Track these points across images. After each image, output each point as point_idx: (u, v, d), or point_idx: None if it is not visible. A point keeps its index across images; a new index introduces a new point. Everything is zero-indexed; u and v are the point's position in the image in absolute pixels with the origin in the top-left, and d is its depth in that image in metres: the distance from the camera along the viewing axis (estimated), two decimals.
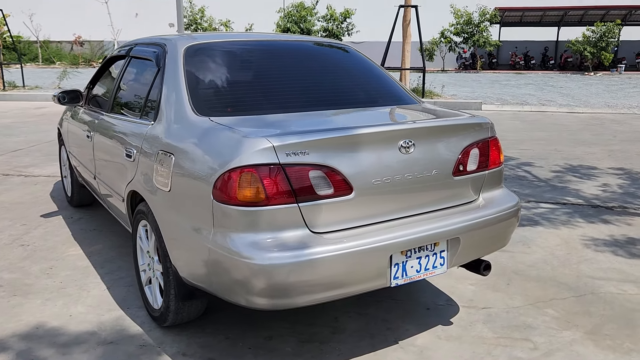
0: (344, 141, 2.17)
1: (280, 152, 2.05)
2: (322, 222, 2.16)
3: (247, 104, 2.57)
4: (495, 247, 2.70)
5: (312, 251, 2.05)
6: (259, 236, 2.06)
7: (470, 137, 2.55)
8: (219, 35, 3.08)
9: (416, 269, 2.34)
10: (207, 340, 2.67)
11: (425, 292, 3.23)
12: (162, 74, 2.76)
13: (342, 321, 2.87)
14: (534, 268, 3.59)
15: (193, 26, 30.55)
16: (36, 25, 32.23)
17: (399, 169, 2.30)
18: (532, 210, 4.83)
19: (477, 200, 2.63)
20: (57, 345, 2.61)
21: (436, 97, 13.23)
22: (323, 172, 2.12)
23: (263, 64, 2.84)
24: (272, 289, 2.04)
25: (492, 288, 3.29)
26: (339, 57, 3.17)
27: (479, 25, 29.38)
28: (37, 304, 3.03)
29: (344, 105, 2.71)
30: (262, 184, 2.03)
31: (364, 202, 2.23)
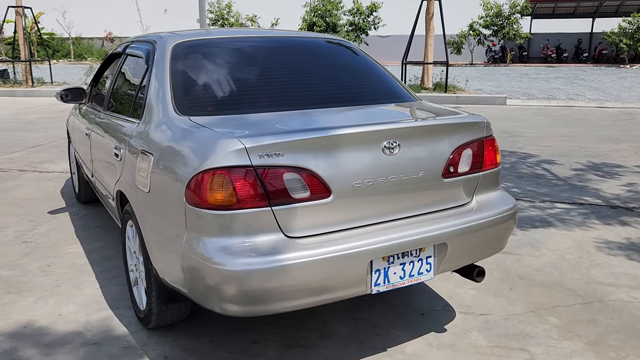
0: (320, 142, 2.07)
1: (252, 153, 1.97)
2: (298, 226, 2.07)
3: (230, 103, 2.50)
4: (489, 252, 2.57)
5: (285, 257, 1.97)
6: (231, 241, 1.99)
7: (462, 137, 2.43)
8: (211, 32, 3.01)
9: (400, 276, 2.24)
10: (190, 343, 2.62)
11: (422, 296, 3.12)
12: (149, 72, 2.71)
13: (331, 326, 2.79)
14: (541, 272, 3.43)
15: (220, 22, 30.72)
16: (69, 22, 32.96)
17: (382, 170, 2.19)
18: (546, 211, 4.65)
19: (470, 203, 2.50)
20: (42, 345, 2.60)
21: (459, 91, 12.96)
22: (298, 175, 2.04)
23: (250, 62, 2.76)
24: (244, 295, 1.98)
25: (493, 293, 3.16)
26: (332, 53, 3.07)
27: (510, 17, 28.71)
28: (29, 302, 3.04)
29: (333, 103, 2.61)
30: (233, 186, 1.96)
31: (344, 206, 2.13)
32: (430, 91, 12.99)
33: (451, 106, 2.96)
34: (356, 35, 29.61)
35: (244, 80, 2.64)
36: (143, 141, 2.48)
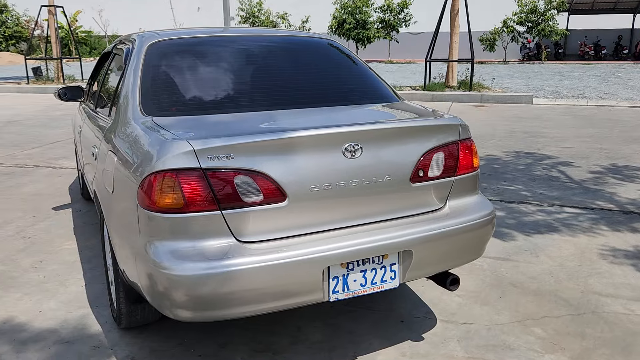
0: (274, 145, 2.01)
1: (201, 156, 1.93)
2: (251, 230, 2.02)
3: (196, 103, 2.46)
4: (464, 260, 2.47)
5: (233, 262, 1.92)
6: (180, 245, 1.96)
7: (433, 140, 2.33)
8: (193, 32, 2.98)
9: (360, 283, 2.17)
10: (160, 344, 2.60)
11: (405, 302, 3.03)
12: (125, 72, 2.71)
13: (305, 331, 2.73)
14: (535, 280, 3.30)
15: (251, 19, 30.93)
16: (105, 20, 33.68)
17: (342, 174, 2.12)
18: (554, 215, 4.48)
19: (442, 209, 2.40)
20: (16, 342, 2.63)
21: (485, 89, 12.67)
22: (251, 178, 1.99)
23: (223, 62, 2.71)
24: (193, 301, 1.94)
25: (481, 301, 3.04)
26: (311, 53, 3.00)
27: (545, 13, 27.94)
28: (14, 298, 3.08)
29: (305, 104, 2.55)
30: (181, 189, 1.92)
31: (300, 211, 2.07)
32: (454, 89, 12.75)
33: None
34: (386, 33, 29.36)
35: (213, 80, 2.60)
36: (111, 140, 2.48)
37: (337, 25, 28.87)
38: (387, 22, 29.32)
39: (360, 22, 28.54)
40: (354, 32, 28.61)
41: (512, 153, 6.87)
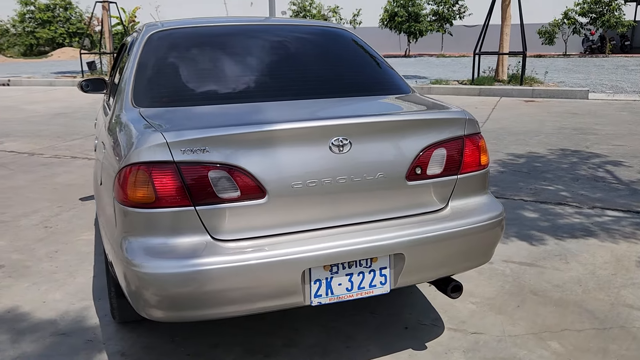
0: (252, 138, 1.90)
1: (174, 149, 1.84)
2: (227, 228, 1.92)
3: (186, 94, 2.37)
4: (469, 265, 2.28)
5: (204, 261, 1.82)
6: (152, 242, 1.88)
7: (433, 135, 2.15)
8: (195, 22, 2.90)
9: (346, 287, 2.02)
10: (152, 341, 2.55)
11: (413, 307, 2.86)
12: (127, 63, 2.66)
13: (302, 333, 2.61)
14: (560, 289, 3.04)
15: (302, 13, 30.91)
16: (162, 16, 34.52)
17: (328, 171, 1.98)
18: (593, 219, 4.15)
19: (443, 210, 2.22)
20: (15, 331, 2.64)
21: (537, 84, 12.09)
22: (227, 173, 1.88)
23: (219, 52, 2.62)
24: (163, 300, 1.86)
25: (496, 309, 2.83)
26: (317, 42, 2.85)
27: (611, 3, 26.43)
28: (23, 287, 3.12)
29: (301, 95, 2.41)
30: (152, 183, 1.84)
31: (281, 209, 1.95)
32: (504, 83, 12.24)
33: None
34: (439, 25, 28.65)
35: (207, 71, 2.50)
36: (104, 132, 2.43)
37: (388, 18, 28.40)
38: (441, 15, 28.57)
39: (413, 14, 27.95)
40: (406, 25, 28.06)
41: (557, 151, 6.48)
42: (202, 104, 2.27)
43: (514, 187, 4.98)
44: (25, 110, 10.75)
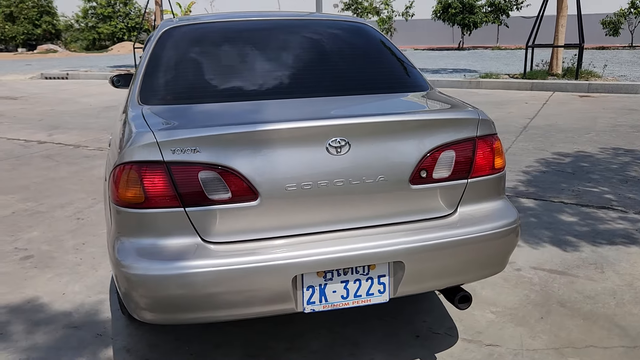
0: (245, 138, 1.83)
1: (165, 148, 1.80)
2: (218, 231, 1.87)
3: (192, 91, 2.33)
4: (480, 274, 2.14)
5: (191, 264, 1.78)
6: (141, 243, 1.86)
7: (441, 136, 2.02)
8: (210, 17, 2.86)
9: (341, 295, 1.93)
10: (158, 338, 2.55)
11: (428, 314, 2.73)
12: (141, 60, 2.66)
13: (307, 337, 2.54)
14: (592, 301, 2.84)
15: (354, 6, 30.68)
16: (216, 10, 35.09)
17: (325, 173, 1.89)
18: (638, 225, 3.87)
19: (451, 216, 2.08)
20: (31, 322, 2.71)
21: (594, 78, 11.47)
22: (217, 174, 1.83)
23: (229, 48, 2.56)
24: (151, 302, 1.84)
25: (517, 320, 2.67)
26: (333, 38, 2.73)
27: None
28: (46, 278, 3.20)
29: (309, 93, 2.32)
30: (142, 183, 1.81)
31: (273, 211, 1.88)
32: (558, 77, 11.68)
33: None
34: (495, 17, 27.75)
35: (214, 68, 2.45)
36: (114, 129, 2.44)
37: (441, 10, 27.76)
38: (497, 6, 27.66)
39: (467, 6, 27.20)
40: (460, 17, 27.35)
41: (608, 150, 6.11)
42: (206, 102, 2.23)
43: (555, 188, 4.72)
44: (79, 102, 11.16)
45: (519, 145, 6.37)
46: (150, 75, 2.39)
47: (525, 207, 4.24)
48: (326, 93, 2.33)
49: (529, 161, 5.63)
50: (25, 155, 6.40)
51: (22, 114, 9.64)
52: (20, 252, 3.57)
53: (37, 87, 14.55)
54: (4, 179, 5.40)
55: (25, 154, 6.50)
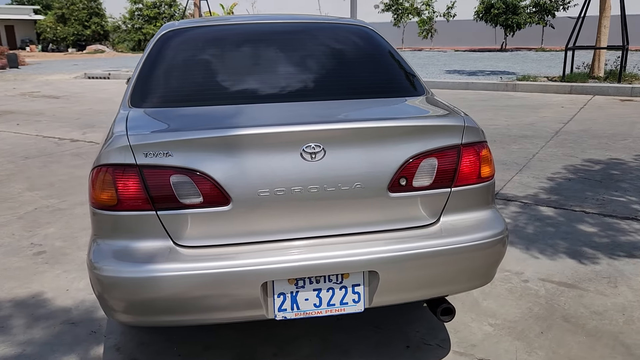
0: (216, 142, 1.83)
1: (137, 152, 1.82)
2: (190, 235, 1.87)
3: (178, 95, 2.33)
4: (464, 286, 2.07)
5: (160, 267, 1.79)
6: (114, 245, 1.88)
7: (422, 143, 1.95)
8: (208, 20, 2.87)
9: (314, 303, 1.90)
10: (150, 338, 2.58)
11: (422, 324, 2.67)
12: None
13: (297, 343, 2.52)
14: (599, 317, 2.71)
15: (394, 7, 30.47)
16: (256, 11, 35.56)
17: (299, 179, 1.86)
18: None
19: (432, 226, 2.02)
20: (32, 317, 2.79)
21: (638, 81, 10.98)
22: (189, 178, 1.83)
23: (221, 52, 2.55)
24: (120, 304, 1.86)
25: (515, 334, 2.57)
26: (328, 40, 2.69)
27: None
28: (54, 274, 3.29)
29: (296, 98, 2.29)
30: (115, 186, 1.83)
31: (246, 217, 1.86)
32: (599, 80, 11.25)
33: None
34: (540, 17, 26.99)
35: (202, 71, 2.45)
36: None
37: (484, 10, 27.20)
38: (542, 6, 26.89)
39: (511, 6, 26.56)
40: (503, 17, 26.73)
41: None
42: (190, 105, 2.24)
43: (579, 196, 4.53)
44: (116, 102, 11.46)
45: (547, 151, 6.16)
46: (142, 78, 2.42)
47: (544, 216, 4.09)
48: (311, 97, 2.30)
49: (555, 168, 5.44)
50: (56, 153, 6.62)
51: (61, 113, 9.99)
52: (35, 248, 3.68)
53: (79, 86, 15.06)
54: (33, 175, 5.60)
55: (57, 151, 6.72)
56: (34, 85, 15.50)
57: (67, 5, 40.92)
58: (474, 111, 9.03)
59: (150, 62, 2.50)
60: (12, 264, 3.43)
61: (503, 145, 6.45)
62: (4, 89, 14.72)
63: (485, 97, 10.83)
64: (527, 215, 4.12)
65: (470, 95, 11.17)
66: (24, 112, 10.14)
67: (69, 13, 40.83)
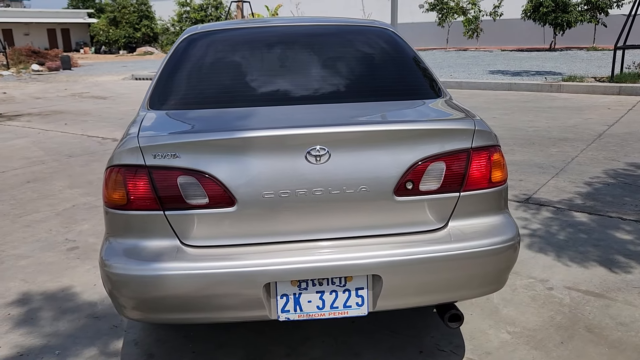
0: (222, 144, 1.86)
1: (147, 153, 1.87)
2: (196, 235, 1.91)
3: (193, 97, 2.38)
4: (474, 292, 2.03)
5: (166, 266, 1.84)
6: (124, 243, 1.94)
7: (430, 147, 1.93)
8: (230, 24, 2.92)
9: (317, 305, 1.91)
10: (167, 334, 2.65)
11: (438, 329, 2.63)
12: None
13: (310, 344, 2.54)
14: (624, 328, 2.60)
15: (439, 6, 30.02)
16: (301, 12, 35.71)
17: (303, 181, 1.88)
18: None
19: (440, 230, 1.99)
20: (59, 310, 2.91)
21: None
22: (196, 179, 1.87)
23: (239, 55, 2.58)
24: (129, 301, 1.92)
25: (534, 343, 2.50)
26: (348, 43, 2.67)
27: None
28: (84, 269, 3.41)
29: (306, 100, 2.29)
30: (125, 186, 1.89)
31: (250, 218, 1.89)
32: None
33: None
34: (592, 15, 26.02)
35: (219, 74, 2.50)
36: None
37: (532, 9, 26.43)
38: (594, 4, 25.90)
39: (560, 4, 25.70)
40: (552, 16, 25.91)
41: None
42: (204, 107, 2.29)
43: (616, 202, 4.36)
44: None
45: (587, 154, 5.95)
46: (161, 81, 2.49)
47: (577, 222, 3.96)
48: (323, 100, 2.31)
49: (594, 172, 5.25)
50: (98, 152, 6.86)
51: (107, 113, 10.35)
52: (69, 243, 3.84)
53: (125, 87, 15.55)
54: (75, 174, 5.82)
55: (99, 150, 6.97)
56: (83, 86, 16.11)
57: (118, 8, 42.34)
58: (514, 113, 8.81)
59: (168, 66, 2.57)
60: (47, 258, 3.58)
61: (542, 148, 6.27)
62: (56, 89, 15.37)
63: (528, 98, 10.54)
64: (560, 220, 4.00)
65: (513, 96, 10.89)
66: (72, 112, 10.56)
67: (121, 16, 42.21)
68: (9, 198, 4.97)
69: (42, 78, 20.01)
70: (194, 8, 39.44)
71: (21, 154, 6.83)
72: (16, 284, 3.23)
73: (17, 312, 2.90)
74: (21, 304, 2.98)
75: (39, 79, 19.74)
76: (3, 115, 10.39)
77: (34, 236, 3.99)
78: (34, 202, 4.80)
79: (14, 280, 3.28)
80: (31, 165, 6.24)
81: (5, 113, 10.71)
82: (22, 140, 7.76)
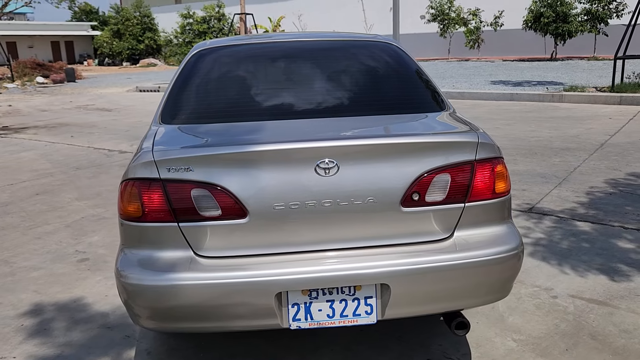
0: (234, 158, 1.93)
1: (161, 167, 1.94)
2: (210, 246, 1.97)
3: (204, 112, 2.47)
4: (480, 300, 2.09)
5: (180, 276, 1.90)
6: (139, 254, 2.01)
7: (435, 159, 1.99)
8: (237, 39, 3.01)
9: (327, 314, 1.96)
10: (179, 344, 2.70)
11: (445, 337, 2.68)
12: None
13: (320, 353, 2.58)
14: (628, 335, 2.65)
15: (440, 17, 30.23)
16: (304, 24, 35.98)
17: (313, 193, 1.94)
18: None
19: (446, 240, 2.05)
20: (72, 320, 2.96)
21: None
22: (209, 192, 1.93)
23: (246, 70, 2.67)
24: (145, 311, 1.98)
25: (539, 351, 2.55)
26: (351, 58, 2.77)
27: None
28: (96, 280, 3.47)
29: (313, 114, 2.37)
30: (140, 199, 1.96)
31: (261, 229, 1.95)
32: None
33: None
34: (592, 25, 26.18)
35: (228, 89, 2.58)
36: None
37: (532, 19, 26.61)
38: (594, 14, 26.07)
39: (561, 15, 25.88)
40: (553, 26, 26.08)
41: None
42: (214, 122, 2.36)
43: (619, 212, 4.41)
44: None
45: (590, 164, 6.01)
46: (172, 96, 2.57)
47: (580, 231, 4.01)
48: (331, 114, 2.38)
49: (596, 181, 5.30)
50: (105, 164, 6.94)
51: (112, 125, 10.45)
52: (79, 255, 3.90)
53: (130, 99, 15.68)
54: (83, 186, 5.90)
55: (106, 162, 7.05)
56: (88, 99, 16.26)
57: (122, 21, 42.72)
58: (516, 123, 8.88)
59: (179, 81, 2.64)
60: (58, 269, 3.64)
61: (544, 158, 6.32)
62: (62, 102, 15.51)
63: (530, 108, 10.62)
64: (562, 230, 4.05)
65: (515, 106, 10.97)
66: (78, 124, 10.67)
67: (124, 29, 42.58)
68: (18, 210, 5.04)
69: (47, 90, 20.19)
70: (196, 20, 39.76)
71: (29, 167, 6.92)
72: (28, 295, 3.28)
73: (30, 322, 2.96)
74: (34, 315, 3.03)
75: (44, 91, 19.92)
76: (10, 128, 10.51)
77: (45, 248, 4.05)
78: (43, 214, 4.88)
79: (26, 291, 3.34)
80: (39, 177, 6.32)
81: (12, 126, 10.83)
82: (29, 153, 7.86)
